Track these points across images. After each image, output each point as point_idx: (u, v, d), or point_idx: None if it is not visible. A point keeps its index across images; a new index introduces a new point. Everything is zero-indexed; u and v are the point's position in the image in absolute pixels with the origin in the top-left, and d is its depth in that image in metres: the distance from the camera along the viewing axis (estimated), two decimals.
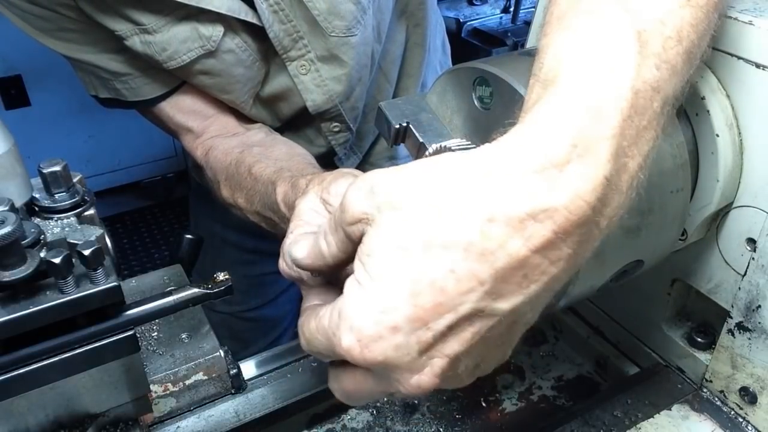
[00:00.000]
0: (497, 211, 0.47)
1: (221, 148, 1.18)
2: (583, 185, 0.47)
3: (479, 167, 0.49)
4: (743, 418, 0.82)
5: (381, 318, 0.48)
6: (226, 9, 1.04)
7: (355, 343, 0.49)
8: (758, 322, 0.77)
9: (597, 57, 0.52)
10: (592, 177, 0.47)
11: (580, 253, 0.50)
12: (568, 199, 0.47)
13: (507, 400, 1.02)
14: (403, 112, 0.80)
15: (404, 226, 0.49)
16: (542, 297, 0.51)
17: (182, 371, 0.84)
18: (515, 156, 0.48)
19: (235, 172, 1.11)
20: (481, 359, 0.53)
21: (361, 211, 0.51)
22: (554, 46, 0.55)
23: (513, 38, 3.42)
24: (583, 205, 0.47)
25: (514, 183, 0.47)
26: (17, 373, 0.57)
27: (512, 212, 0.46)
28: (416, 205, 0.49)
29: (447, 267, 0.47)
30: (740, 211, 0.76)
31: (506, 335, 0.53)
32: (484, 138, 0.71)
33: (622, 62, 0.51)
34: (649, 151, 0.53)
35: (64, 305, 0.55)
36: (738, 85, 0.72)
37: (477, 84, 0.69)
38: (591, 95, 0.50)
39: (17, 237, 0.53)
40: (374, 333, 0.49)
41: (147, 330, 0.89)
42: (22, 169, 0.64)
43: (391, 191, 0.50)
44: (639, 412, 0.84)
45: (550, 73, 0.52)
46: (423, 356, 0.50)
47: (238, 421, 0.86)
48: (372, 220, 0.51)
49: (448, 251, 0.47)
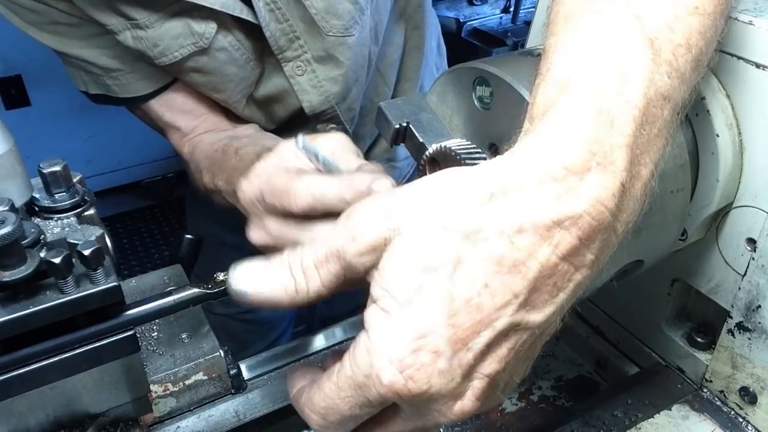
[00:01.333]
0: (525, 221, 0.46)
1: (207, 141, 1.16)
2: (604, 192, 0.47)
3: (499, 179, 0.48)
4: (743, 418, 0.83)
5: (420, 344, 0.45)
6: (220, 5, 1.03)
7: (398, 375, 0.45)
8: (758, 322, 0.77)
9: (610, 63, 0.51)
10: (610, 184, 0.48)
11: (601, 258, 0.50)
12: (590, 205, 0.47)
13: (507, 400, 1.01)
14: (403, 112, 0.80)
15: (429, 245, 0.46)
16: (567, 306, 0.50)
17: (182, 371, 0.84)
18: (535, 165, 0.48)
19: (221, 157, 1.09)
20: (512, 374, 0.52)
21: (380, 237, 0.48)
22: (563, 46, 0.54)
23: (513, 38, 3.42)
24: (605, 210, 0.47)
25: (538, 192, 0.47)
26: (17, 373, 0.57)
27: (540, 221, 0.46)
28: (439, 222, 0.47)
29: (481, 282, 0.46)
30: (740, 211, 0.76)
31: (534, 348, 0.52)
32: (484, 138, 0.71)
33: (635, 70, 0.51)
34: (659, 159, 0.53)
35: (64, 305, 0.55)
36: (738, 85, 0.72)
37: (477, 84, 0.69)
38: (605, 103, 0.49)
39: (17, 237, 0.53)
40: (416, 361, 0.45)
41: (147, 330, 0.89)
42: (22, 169, 0.64)
43: (410, 210, 0.48)
44: (639, 412, 0.84)
45: (561, 77, 0.52)
46: (465, 380, 0.47)
47: (238, 421, 0.86)
48: (390, 243, 0.48)
49: (479, 266, 0.46)
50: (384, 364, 0.46)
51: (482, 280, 0.46)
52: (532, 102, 0.54)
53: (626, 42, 0.52)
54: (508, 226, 0.46)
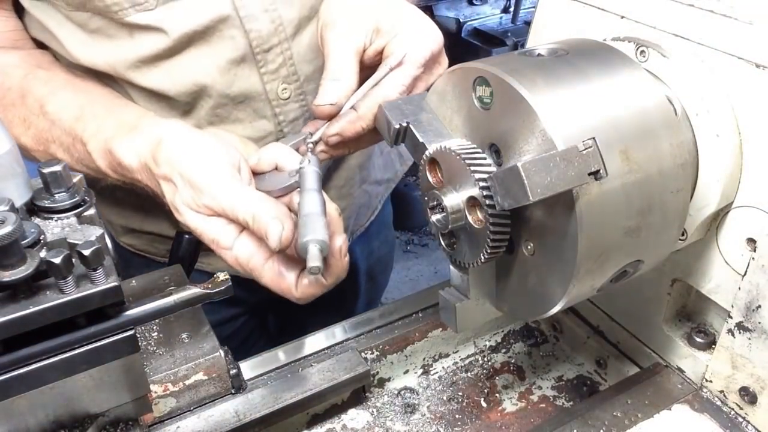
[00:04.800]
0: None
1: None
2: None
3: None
4: (743, 418, 0.83)
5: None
6: None
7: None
8: (758, 322, 0.77)
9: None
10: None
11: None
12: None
13: (507, 400, 1.02)
14: (403, 112, 0.80)
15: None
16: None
17: (182, 371, 0.84)
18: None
19: (20, 102, 0.97)
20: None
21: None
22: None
23: (513, 38, 3.43)
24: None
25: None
26: (17, 373, 0.57)
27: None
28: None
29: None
30: (740, 211, 0.76)
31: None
32: (484, 138, 0.71)
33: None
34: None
35: (64, 305, 0.55)
36: (738, 85, 0.72)
37: (477, 84, 0.69)
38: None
39: (17, 237, 0.53)
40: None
41: (147, 330, 0.89)
42: (22, 169, 0.64)
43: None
44: (639, 412, 0.84)
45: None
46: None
47: (238, 421, 0.86)
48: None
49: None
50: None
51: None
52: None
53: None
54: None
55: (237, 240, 0.81)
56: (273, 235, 0.76)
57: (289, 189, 0.85)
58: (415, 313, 1.06)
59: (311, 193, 0.80)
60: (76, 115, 0.94)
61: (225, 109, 1.07)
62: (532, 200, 0.58)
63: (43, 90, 0.98)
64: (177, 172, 0.81)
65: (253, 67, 1.04)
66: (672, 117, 0.71)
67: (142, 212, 1.22)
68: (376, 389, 1.02)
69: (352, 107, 0.88)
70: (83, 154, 0.93)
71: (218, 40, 1.01)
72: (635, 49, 0.78)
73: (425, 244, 3.86)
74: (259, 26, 1.02)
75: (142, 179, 0.88)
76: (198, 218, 0.82)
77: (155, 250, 1.28)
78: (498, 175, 0.62)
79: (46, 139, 0.97)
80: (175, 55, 1.01)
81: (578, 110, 0.65)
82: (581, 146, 0.60)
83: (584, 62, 0.70)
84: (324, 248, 0.74)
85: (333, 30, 0.91)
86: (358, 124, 0.88)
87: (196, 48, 1.01)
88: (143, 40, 0.99)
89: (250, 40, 1.02)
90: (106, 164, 0.91)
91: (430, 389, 1.03)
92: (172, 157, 0.82)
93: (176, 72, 1.02)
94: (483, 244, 0.69)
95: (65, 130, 0.95)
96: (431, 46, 0.90)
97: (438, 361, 1.07)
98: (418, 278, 3.60)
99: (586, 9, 0.86)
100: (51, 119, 0.96)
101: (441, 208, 0.71)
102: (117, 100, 1.01)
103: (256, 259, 0.81)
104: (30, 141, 0.99)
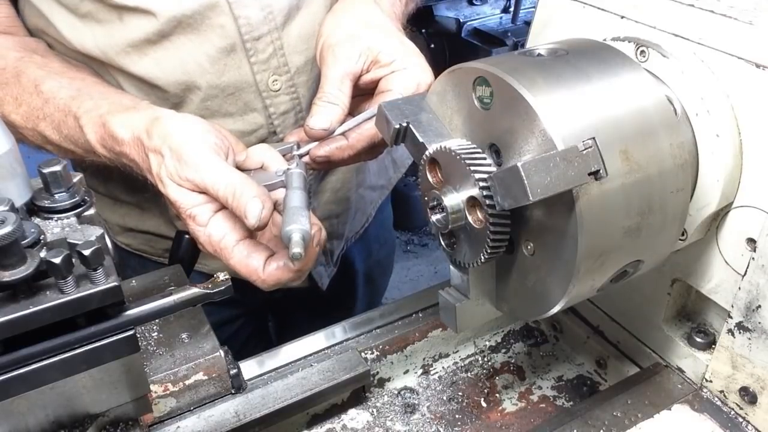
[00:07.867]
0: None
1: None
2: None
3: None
4: (743, 418, 0.83)
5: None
6: None
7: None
8: (758, 322, 0.77)
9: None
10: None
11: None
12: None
13: (507, 400, 1.02)
14: (403, 112, 0.80)
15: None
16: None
17: (182, 371, 0.84)
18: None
19: (14, 81, 0.98)
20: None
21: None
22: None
23: (513, 38, 3.42)
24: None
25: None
26: (17, 373, 0.57)
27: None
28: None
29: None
30: (740, 211, 0.76)
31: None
32: (484, 138, 0.71)
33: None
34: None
35: (64, 305, 0.55)
36: (738, 85, 0.72)
37: (477, 84, 0.69)
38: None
39: (17, 237, 0.53)
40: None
41: (147, 330, 0.89)
42: (22, 169, 0.64)
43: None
44: (639, 412, 0.84)
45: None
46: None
47: (238, 421, 0.86)
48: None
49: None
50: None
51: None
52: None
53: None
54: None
55: (212, 218, 0.84)
56: (252, 212, 0.79)
57: (273, 187, 0.88)
58: (415, 313, 1.06)
59: (297, 191, 0.85)
60: (72, 95, 0.96)
61: (215, 101, 1.07)
62: (532, 200, 0.58)
63: (39, 72, 0.99)
64: (167, 145, 0.84)
65: (243, 56, 1.05)
66: (672, 117, 0.71)
67: (138, 211, 1.23)
68: (376, 389, 1.02)
69: (343, 134, 0.93)
70: (74, 129, 0.95)
71: (208, 28, 1.02)
72: (635, 49, 0.78)
73: (425, 244, 3.86)
74: (248, 13, 1.02)
75: (129, 153, 0.89)
76: (179, 191, 0.84)
77: (152, 250, 1.28)
78: (498, 175, 0.62)
79: (36, 117, 0.98)
80: (164, 40, 1.01)
81: (578, 110, 0.65)
82: (581, 146, 0.60)
83: (584, 62, 0.70)
84: (306, 237, 0.78)
85: (333, 53, 0.95)
86: (347, 153, 0.94)
87: (186, 36, 1.01)
88: (132, 22, 1.00)
89: (239, 26, 1.03)
90: (97, 138, 0.92)
91: (430, 389, 1.03)
92: (166, 131, 0.85)
93: (166, 60, 1.03)
94: (483, 244, 0.69)
95: (59, 107, 0.96)
96: (422, 87, 0.94)
97: (438, 361, 1.07)
98: (418, 278, 3.60)
99: (586, 9, 0.86)
100: (45, 97, 0.97)
101: (441, 208, 0.71)
102: (112, 89, 1.03)
103: (227, 239, 0.84)
104: (19, 118, 1.00)
